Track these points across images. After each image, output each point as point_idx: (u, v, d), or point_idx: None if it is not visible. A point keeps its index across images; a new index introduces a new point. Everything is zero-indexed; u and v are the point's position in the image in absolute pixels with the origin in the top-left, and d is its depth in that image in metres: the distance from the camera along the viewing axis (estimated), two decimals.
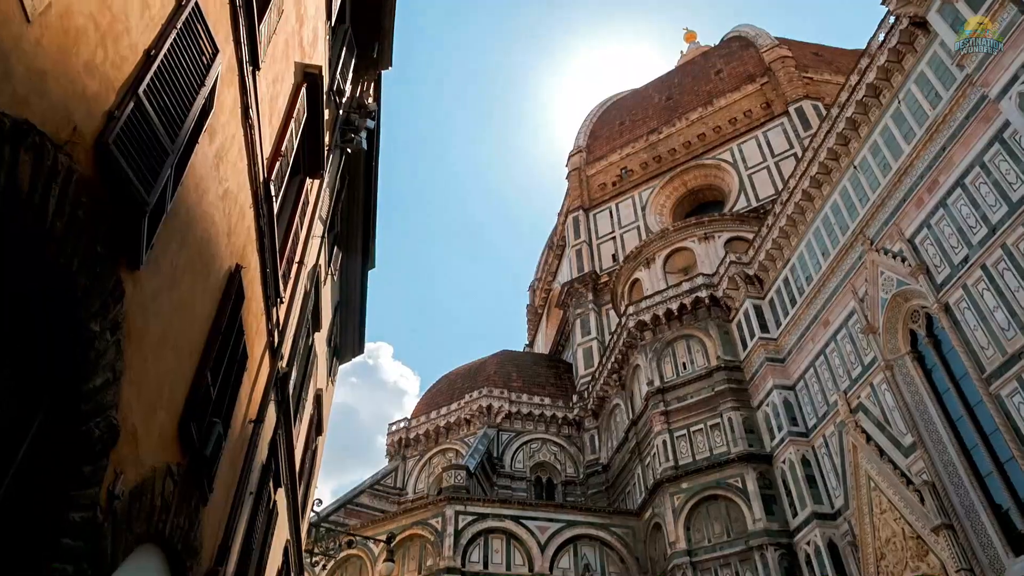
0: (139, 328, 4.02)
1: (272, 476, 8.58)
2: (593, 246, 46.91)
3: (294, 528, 11.60)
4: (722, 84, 49.26)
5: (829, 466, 23.88)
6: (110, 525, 3.87)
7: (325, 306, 11.91)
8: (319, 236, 10.25)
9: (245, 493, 7.23)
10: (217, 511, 6.37)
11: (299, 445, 10.76)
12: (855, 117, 24.25)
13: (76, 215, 3.05)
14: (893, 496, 20.47)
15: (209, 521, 6.07)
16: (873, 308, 22.41)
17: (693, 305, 31.29)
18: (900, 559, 20.04)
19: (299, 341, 9.36)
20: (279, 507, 9.56)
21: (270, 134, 6.61)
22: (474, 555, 27.61)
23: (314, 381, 12.11)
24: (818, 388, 25.11)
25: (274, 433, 8.44)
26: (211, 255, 5.27)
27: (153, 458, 4.50)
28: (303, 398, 10.70)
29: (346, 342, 16.27)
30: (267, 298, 7.24)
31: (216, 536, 6.43)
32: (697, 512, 26.52)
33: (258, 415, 7.33)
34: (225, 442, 6.05)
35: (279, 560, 10.72)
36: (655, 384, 30.38)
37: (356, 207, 13.66)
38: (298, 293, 8.90)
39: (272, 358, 7.88)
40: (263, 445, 8.04)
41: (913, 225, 21.12)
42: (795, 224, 27.75)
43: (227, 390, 5.98)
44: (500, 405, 39.09)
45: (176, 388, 4.80)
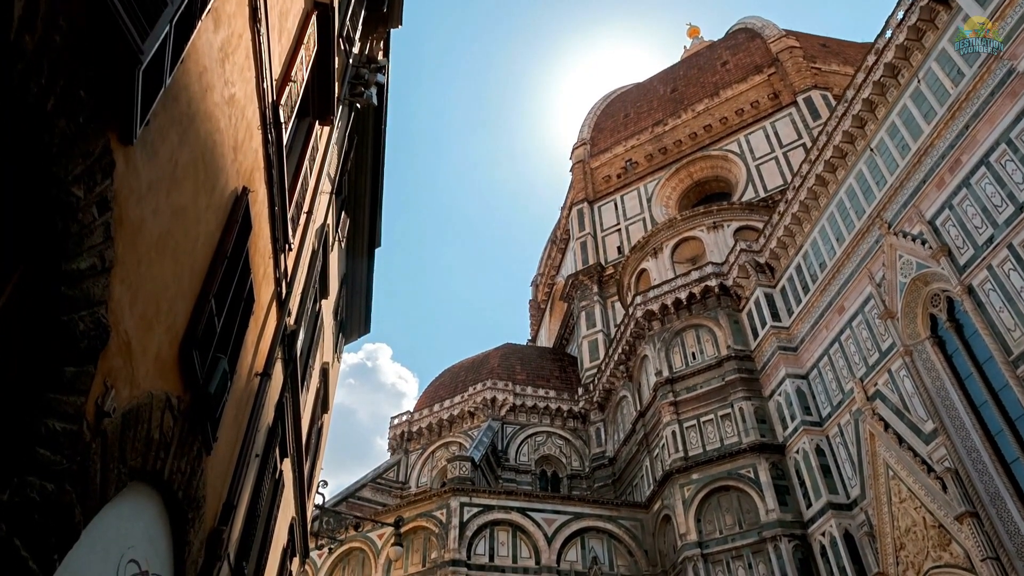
0: (133, 220, 3.44)
1: (278, 442, 8.00)
2: (598, 238, 46.32)
3: (299, 506, 11.02)
4: (728, 75, 48.71)
5: (844, 455, 23.29)
6: (99, 447, 3.28)
7: (332, 274, 11.34)
8: (327, 193, 9.68)
9: (251, 452, 6.65)
10: (221, 466, 5.79)
11: (306, 416, 10.18)
12: (872, 98, 23.68)
13: (51, 36, 2.47)
14: (913, 484, 19.88)
15: (212, 474, 5.48)
16: (891, 293, 21.83)
17: (702, 294, 30.71)
18: (921, 549, 19.45)
19: (307, 302, 8.78)
20: (285, 479, 8.99)
21: (279, 54, 6.03)
22: (479, 547, 27.02)
23: (321, 352, 11.53)
24: (832, 376, 24.52)
25: (281, 396, 7.86)
26: (216, 167, 4.69)
27: (150, 382, 3.91)
28: (310, 366, 10.13)
29: (352, 319, 15.68)
30: (275, 240, 6.66)
31: (220, 494, 5.84)
32: (708, 504, 25.93)
33: (264, 369, 6.75)
34: (230, 386, 5.46)
35: (284, 537, 10.14)
36: (664, 374, 29.79)
37: (364, 174, 13.08)
38: (306, 247, 8.33)
39: (280, 310, 7.30)
40: (269, 406, 7.46)
41: (934, 206, 20.55)
42: (808, 210, 27.17)
43: (232, 329, 5.40)
44: (504, 398, 38.50)
45: (176, 307, 4.21)
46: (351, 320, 15.60)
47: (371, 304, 16.00)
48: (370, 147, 12.82)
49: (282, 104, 6.11)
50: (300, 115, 7.92)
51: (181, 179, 4.07)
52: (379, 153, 13.11)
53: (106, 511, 3.58)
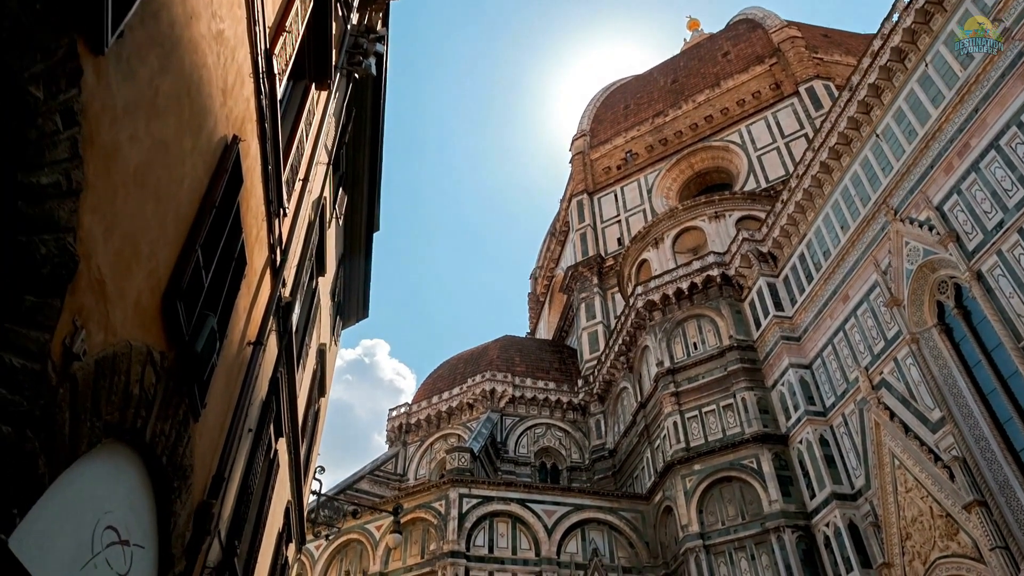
0: (106, 144, 3.09)
1: (273, 418, 7.66)
2: (598, 230, 45.97)
3: (296, 490, 10.68)
4: (730, 66, 48.32)
5: (849, 445, 23.00)
6: (68, 394, 2.94)
7: (330, 252, 10.99)
8: (324, 164, 9.32)
9: (243, 425, 6.31)
10: (211, 436, 5.45)
11: (302, 396, 9.83)
12: (878, 83, 23.33)
13: None
14: (920, 474, 19.60)
15: (201, 443, 5.14)
16: (897, 280, 21.51)
17: (704, 284, 30.38)
18: (927, 538, 19.18)
19: (302, 275, 8.43)
20: (280, 459, 8.65)
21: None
22: (479, 539, 26.71)
23: (318, 331, 11.19)
24: (836, 366, 24.22)
25: (275, 370, 7.52)
26: (203, 107, 4.34)
27: (129, 331, 3.57)
28: (306, 344, 9.79)
29: (350, 303, 15.32)
30: (268, 202, 6.31)
31: (209, 466, 5.50)
32: (710, 495, 25.64)
33: (258, 338, 6.40)
34: (220, 350, 5.12)
35: (280, 520, 9.81)
36: (665, 365, 29.48)
37: (362, 152, 12.71)
38: (302, 216, 7.97)
39: (274, 279, 6.96)
40: (263, 379, 7.12)
41: (942, 192, 20.22)
42: (812, 198, 26.84)
43: (222, 289, 5.05)
44: (504, 389, 38.16)
45: (159, 253, 3.86)
46: (349, 304, 15.24)
47: (369, 288, 15.65)
48: (368, 124, 12.45)
49: (276, 54, 5.75)
50: (296, 76, 7.56)
51: (163, 110, 3.72)
52: (378, 131, 12.74)
53: (78, 469, 3.24)
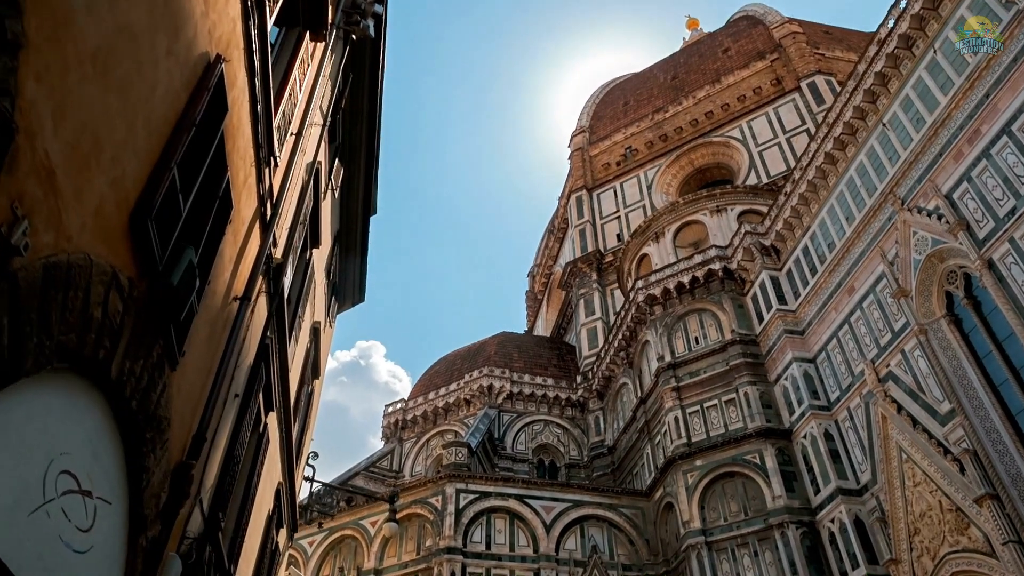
0: (53, 2, 2.61)
1: (262, 388, 7.17)
2: (597, 226, 45.52)
3: (287, 472, 10.18)
4: (730, 62, 47.97)
5: (854, 440, 22.54)
6: (7, 294, 2.45)
7: (324, 224, 10.50)
8: (318, 125, 8.83)
9: (228, 387, 5.82)
10: (191, 391, 4.96)
11: (294, 371, 9.33)
12: (885, 71, 22.92)
13: None
14: (928, 467, 19.15)
15: (180, 398, 4.64)
16: (905, 270, 21.08)
17: (706, 278, 29.94)
18: (937, 533, 18.72)
19: (295, 238, 7.94)
20: (270, 434, 8.15)
21: None
22: (476, 535, 26.20)
23: (311, 306, 10.69)
24: (842, 359, 23.77)
25: (264, 336, 7.02)
26: (180, 8, 3.85)
27: (89, 243, 3.08)
28: (299, 316, 9.29)
29: (346, 284, 14.81)
30: (257, 147, 5.82)
31: (189, 424, 5.01)
32: (712, 490, 25.16)
33: (245, 292, 5.91)
34: (202, 293, 4.63)
35: (270, 502, 9.31)
36: (666, 359, 29.01)
37: (359, 125, 12.22)
38: (294, 174, 7.47)
39: (263, 234, 6.47)
40: (251, 341, 6.62)
41: (951, 180, 19.81)
42: (816, 190, 26.43)
43: (204, 224, 4.56)
44: (501, 385, 37.65)
45: (127, 161, 3.38)
46: (344, 285, 14.73)
47: (366, 271, 15.17)
48: (366, 95, 11.96)
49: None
50: (289, 23, 7.09)
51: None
52: (376, 105, 12.26)
53: (24, 394, 2.75)
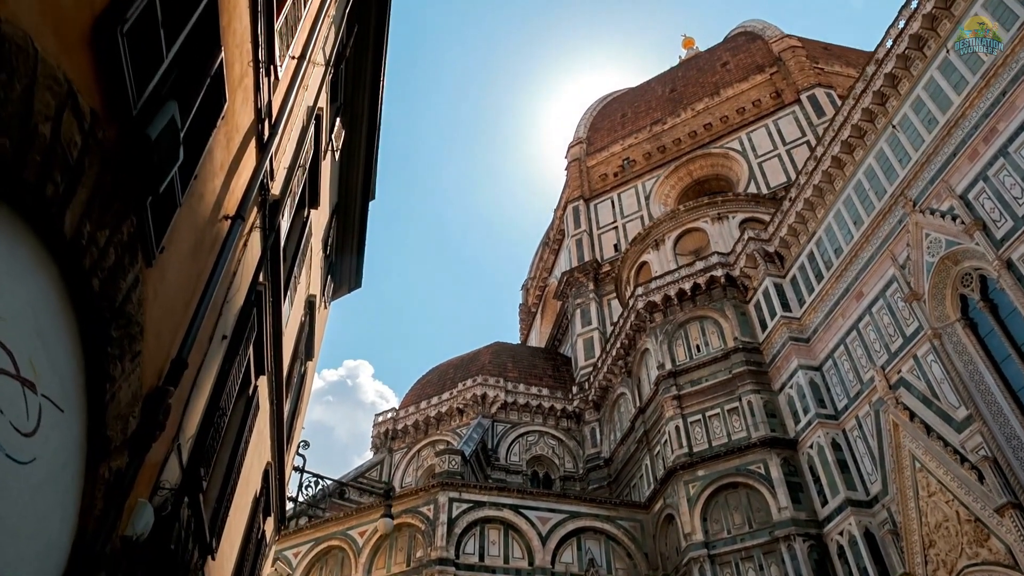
0: None
1: (253, 340, 6.35)
2: (594, 236, 44.92)
3: (277, 453, 9.30)
4: (729, 75, 47.80)
5: (863, 449, 21.78)
6: None
7: (324, 185, 9.73)
8: (321, 66, 8.10)
9: (214, 322, 5.02)
10: (170, 303, 4.15)
11: (288, 338, 8.50)
12: (895, 72, 22.50)
13: None
14: (944, 476, 18.40)
15: (156, 305, 3.84)
16: (917, 274, 20.49)
17: (708, 285, 29.29)
18: (954, 545, 17.92)
19: (292, 180, 7.17)
20: (261, 400, 7.31)
21: None
22: (468, 546, 25.16)
23: (307, 275, 9.87)
24: (849, 366, 23.08)
25: (256, 280, 6.22)
26: None
27: (33, 25, 2.30)
28: (295, 277, 8.48)
29: (343, 265, 13.98)
30: (256, 46, 5.07)
31: (167, 347, 4.20)
32: (714, 502, 24.28)
33: (238, 211, 5.13)
34: (186, 185, 3.84)
35: (258, 481, 8.42)
36: (666, 367, 28.23)
37: (362, 91, 11.50)
38: (295, 111, 6.72)
39: (259, 153, 5.70)
40: (242, 280, 5.83)
41: (966, 180, 19.29)
42: (822, 194, 25.90)
43: (192, 99, 3.78)
44: (495, 394, 36.68)
45: None
46: (341, 266, 13.91)
47: (363, 254, 14.37)
48: (370, 61, 11.26)
49: None
50: None
51: None
52: (379, 72, 11.56)
53: None
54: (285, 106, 6.11)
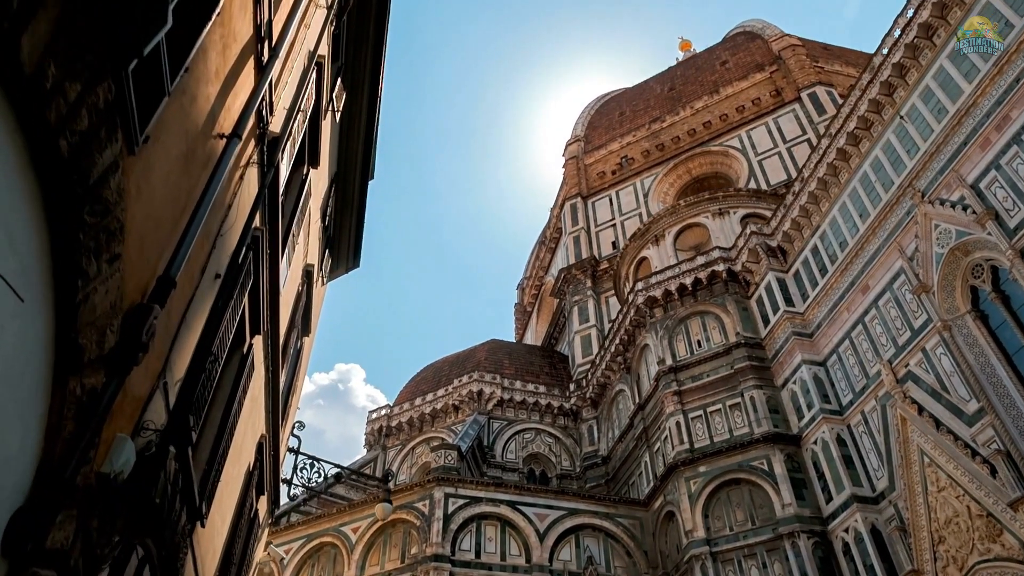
0: None
1: (249, 287, 5.84)
2: (592, 233, 44.49)
3: (272, 426, 8.76)
4: (729, 74, 47.52)
5: (869, 445, 21.35)
6: None
7: (324, 144, 9.22)
8: (323, 8, 7.59)
9: (206, 255, 4.51)
10: (155, 210, 3.64)
11: (284, 305, 7.96)
12: (903, 62, 22.13)
13: None
14: (954, 471, 17.97)
15: (139, 206, 3.33)
16: (926, 265, 20.09)
17: (709, 279, 28.85)
18: (965, 541, 17.47)
19: (292, 123, 6.65)
20: (256, 362, 6.79)
21: None
22: (465, 543, 24.58)
23: (305, 241, 9.34)
24: (855, 361, 22.65)
25: (253, 224, 5.70)
26: None
27: None
28: (293, 236, 7.95)
29: (341, 240, 13.45)
30: None
31: (152, 261, 3.68)
32: (716, 498, 23.78)
33: (234, 130, 4.63)
34: (176, 72, 3.33)
35: (251, 454, 7.89)
36: (667, 363, 27.76)
37: (364, 53, 10.99)
38: (296, 45, 6.22)
39: (258, 75, 5.19)
40: (238, 216, 5.32)
41: (977, 169, 18.92)
42: (827, 187, 25.52)
43: None
44: (492, 391, 36.11)
45: None
46: (340, 241, 13.36)
47: (362, 231, 13.85)
48: (373, 21, 10.76)
49: None
50: None
51: None
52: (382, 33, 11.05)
53: None
54: (285, 33, 5.61)
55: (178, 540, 4.98)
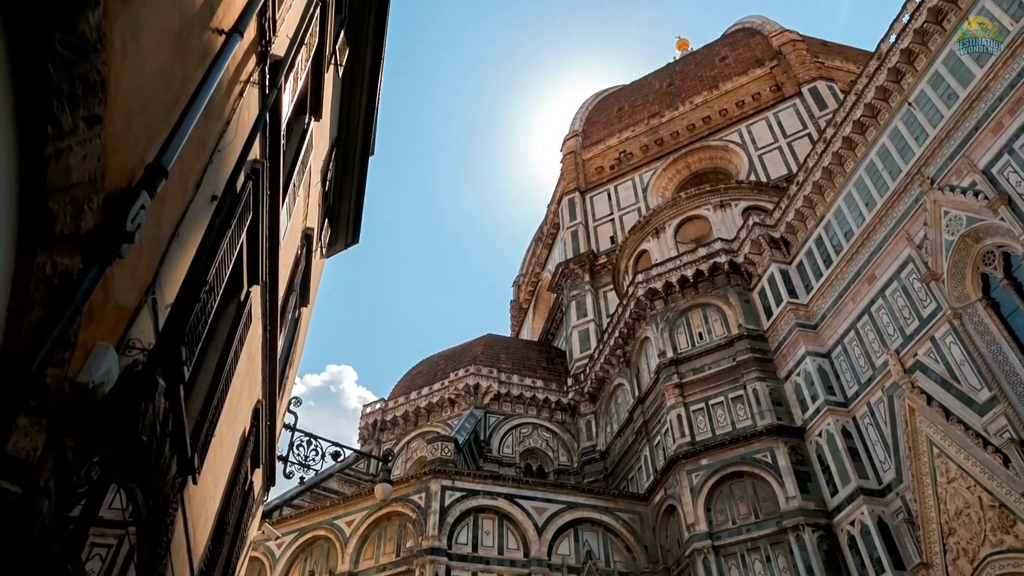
0: None
1: (248, 223, 5.34)
2: (590, 228, 44.04)
3: (268, 392, 8.24)
4: (728, 69, 47.21)
5: (875, 437, 20.95)
6: None
7: (326, 98, 8.72)
8: None
9: (200, 169, 4.01)
10: (148, 95, 3.13)
11: (283, 263, 7.44)
12: (912, 47, 21.78)
13: None
14: (965, 461, 17.56)
15: (128, 71, 2.83)
16: (935, 253, 19.71)
17: (711, 271, 28.45)
18: (976, 533, 17.06)
19: (297, 49, 6.15)
20: (253, 314, 6.28)
21: None
22: (462, 536, 24.06)
23: (306, 201, 8.81)
24: (860, 352, 22.25)
25: (252, 151, 5.21)
26: None
27: None
28: (295, 186, 7.45)
29: (341, 211, 12.93)
30: None
31: (140, 145, 3.18)
32: (718, 492, 23.35)
33: (235, 26, 4.13)
34: None
35: (247, 419, 7.36)
36: (668, 355, 27.32)
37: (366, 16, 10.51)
38: None
39: None
40: (236, 139, 4.82)
41: (989, 154, 18.55)
42: (831, 176, 25.15)
43: None
44: (488, 385, 35.57)
45: None
46: (340, 211, 12.86)
47: (362, 204, 13.34)
48: None
49: None
50: None
51: None
52: None
53: None
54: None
55: (168, 492, 4.47)
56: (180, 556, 5.40)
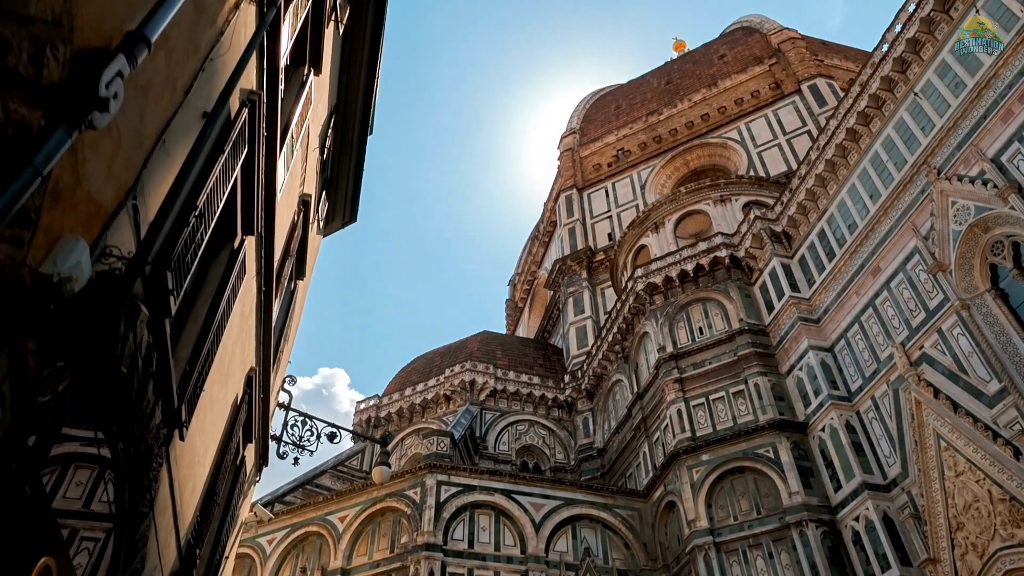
0: None
1: (243, 156, 4.89)
2: (587, 225, 43.65)
3: (262, 363, 7.78)
4: (727, 67, 46.98)
5: (880, 431, 20.58)
6: None
7: (327, 53, 8.27)
8: None
9: (185, 49, 3.56)
10: None
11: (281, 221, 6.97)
12: (919, 36, 21.48)
13: None
14: (974, 454, 17.20)
15: None
16: (942, 243, 19.38)
17: (711, 266, 28.08)
18: (985, 527, 16.68)
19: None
20: (247, 268, 5.82)
21: None
22: (457, 532, 23.56)
23: (303, 164, 8.34)
24: (865, 345, 21.90)
25: (244, 72, 4.77)
26: None
27: None
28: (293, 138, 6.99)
29: (339, 187, 12.48)
30: None
31: (119, 12, 2.74)
32: (719, 487, 22.92)
33: None
34: None
35: (239, 385, 6.87)
36: (668, 350, 26.91)
37: None
38: None
39: None
40: (231, 54, 4.38)
41: (999, 142, 18.24)
42: (835, 169, 24.82)
43: None
44: (485, 381, 35.07)
45: None
46: (338, 186, 12.40)
47: (360, 181, 12.89)
48: None
49: None
50: None
51: None
52: None
53: None
54: None
55: (151, 442, 4.01)
56: (165, 520, 4.95)
